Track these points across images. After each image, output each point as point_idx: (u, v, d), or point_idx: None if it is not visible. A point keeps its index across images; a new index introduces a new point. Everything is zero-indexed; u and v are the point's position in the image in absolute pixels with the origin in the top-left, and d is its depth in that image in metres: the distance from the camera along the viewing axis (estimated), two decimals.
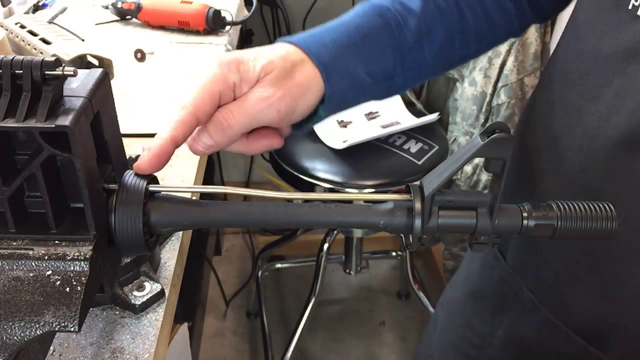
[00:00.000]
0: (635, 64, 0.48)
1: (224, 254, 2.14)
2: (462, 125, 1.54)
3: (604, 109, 0.50)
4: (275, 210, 0.42)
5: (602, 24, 0.51)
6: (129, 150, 0.51)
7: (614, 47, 0.49)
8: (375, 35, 0.54)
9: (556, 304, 0.60)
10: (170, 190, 0.43)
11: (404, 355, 1.84)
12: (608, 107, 0.50)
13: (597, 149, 0.51)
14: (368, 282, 2.07)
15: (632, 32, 0.48)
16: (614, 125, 0.49)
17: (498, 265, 0.68)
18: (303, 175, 1.32)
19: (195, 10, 1.10)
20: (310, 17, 1.82)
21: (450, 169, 0.40)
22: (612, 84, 0.50)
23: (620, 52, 0.49)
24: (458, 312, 0.78)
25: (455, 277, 0.83)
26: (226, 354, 1.83)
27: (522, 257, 0.64)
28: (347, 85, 0.52)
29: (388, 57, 0.54)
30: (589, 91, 0.52)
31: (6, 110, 0.37)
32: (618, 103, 0.49)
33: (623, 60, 0.49)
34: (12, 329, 0.36)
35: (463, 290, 0.77)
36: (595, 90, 0.51)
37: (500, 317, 0.68)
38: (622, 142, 0.48)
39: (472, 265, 0.76)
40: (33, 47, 0.89)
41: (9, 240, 0.39)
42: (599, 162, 0.51)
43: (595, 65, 0.52)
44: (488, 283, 0.71)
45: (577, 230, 0.41)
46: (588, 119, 0.52)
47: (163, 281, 0.58)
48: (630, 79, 0.48)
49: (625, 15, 0.49)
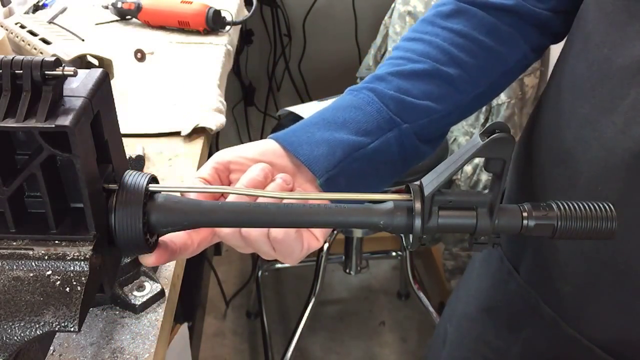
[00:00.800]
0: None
1: (224, 254, 2.14)
2: (462, 125, 1.54)
3: (621, 122, 0.49)
4: (275, 210, 0.41)
5: (614, 35, 0.50)
6: (129, 150, 0.51)
7: (628, 59, 0.49)
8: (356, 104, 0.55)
9: (578, 319, 0.58)
10: (170, 190, 0.43)
11: (404, 355, 1.84)
12: (625, 119, 0.49)
13: (615, 161, 0.50)
14: (368, 282, 2.07)
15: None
16: (632, 138, 0.48)
17: (512, 280, 0.66)
18: None
19: (195, 10, 1.10)
20: (310, 17, 1.82)
21: (450, 169, 0.40)
22: (628, 96, 0.49)
23: (634, 63, 0.48)
24: (471, 327, 0.76)
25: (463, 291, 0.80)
26: (226, 354, 1.83)
27: (537, 271, 0.63)
28: (325, 151, 0.52)
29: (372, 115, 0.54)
30: (603, 103, 0.51)
31: (6, 110, 0.37)
32: (636, 115, 0.48)
33: (638, 72, 0.48)
34: (12, 329, 0.36)
35: (475, 306, 0.75)
36: (610, 102, 0.50)
37: (516, 333, 0.66)
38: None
39: (484, 281, 0.74)
40: (33, 47, 0.89)
41: (9, 240, 0.39)
42: (617, 174, 0.50)
43: (608, 77, 0.51)
44: (502, 299, 0.69)
45: (577, 230, 0.41)
46: (604, 131, 0.50)
47: (163, 281, 0.58)
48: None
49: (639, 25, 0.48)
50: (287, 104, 1.52)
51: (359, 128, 0.53)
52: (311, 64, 1.91)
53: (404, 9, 1.53)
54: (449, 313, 0.84)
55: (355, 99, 0.55)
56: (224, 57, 1.06)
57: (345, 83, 0.67)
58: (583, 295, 0.57)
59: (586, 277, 0.56)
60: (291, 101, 1.84)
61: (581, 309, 0.57)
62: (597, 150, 0.51)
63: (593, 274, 0.55)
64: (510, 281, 0.66)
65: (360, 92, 0.55)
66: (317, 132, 0.52)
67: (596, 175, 0.52)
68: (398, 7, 1.55)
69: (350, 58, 1.84)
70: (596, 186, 0.52)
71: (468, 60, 0.57)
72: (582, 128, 0.53)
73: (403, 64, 0.57)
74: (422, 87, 0.56)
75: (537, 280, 0.63)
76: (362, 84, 0.57)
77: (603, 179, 0.51)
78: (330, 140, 0.51)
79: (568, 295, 0.58)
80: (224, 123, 0.87)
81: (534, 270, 0.63)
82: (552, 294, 0.60)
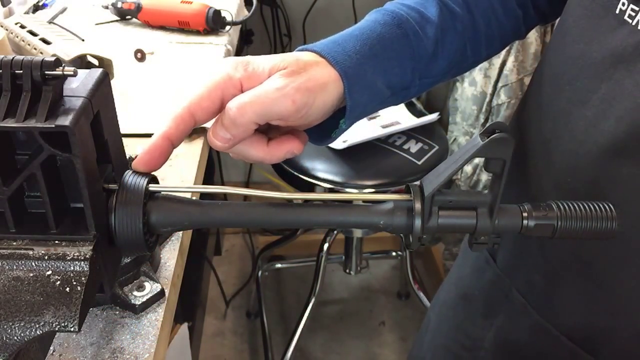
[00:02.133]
0: (622, 70, 0.47)
1: (224, 254, 2.14)
2: (462, 125, 1.54)
3: (591, 115, 0.50)
4: (275, 210, 0.42)
5: (590, 29, 0.51)
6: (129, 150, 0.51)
7: (602, 53, 0.49)
8: (395, 47, 0.52)
9: (546, 308, 0.60)
10: (170, 190, 0.43)
11: (404, 355, 1.84)
12: (595, 113, 0.49)
13: (585, 154, 0.50)
14: (368, 282, 2.07)
15: (619, 37, 0.47)
16: (601, 131, 0.49)
17: (489, 268, 0.68)
18: (303, 175, 1.32)
19: (195, 10, 1.10)
20: (310, 17, 1.82)
21: (450, 169, 0.40)
22: (599, 90, 0.49)
23: (607, 57, 0.49)
24: (449, 315, 0.78)
25: (446, 279, 0.83)
26: (226, 354, 1.83)
27: (512, 260, 0.65)
28: (368, 98, 0.50)
29: (407, 69, 0.53)
30: (577, 96, 0.52)
31: (6, 110, 0.37)
32: (605, 109, 0.49)
33: (610, 66, 0.48)
34: (12, 329, 0.36)
35: (455, 293, 0.77)
36: (584, 96, 0.51)
37: (491, 320, 0.68)
38: (610, 148, 0.48)
39: (463, 269, 0.76)
40: (33, 47, 0.89)
41: (9, 240, 0.39)
42: (586, 167, 0.51)
43: (583, 71, 0.51)
44: (479, 286, 0.71)
45: (577, 230, 0.41)
46: (576, 124, 0.51)
47: (163, 281, 0.58)
48: (617, 85, 0.48)
49: (613, 20, 0.48)
50: None
51: (391, 81, 0.52)
52: None
53: None
54: (434, 301, 0.86)
55: (395, 39, 0.53)
56: (224, 57, 1.06)
57: None
58: (551, 284, 0.58)
59: (554, 267, 0.57)
60: None
61: (550, 298, 0.59)
62: (569, 142, 0.52)
63: (560, 264, 0.57)
64: (487, 269, 0.68)
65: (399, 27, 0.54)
66: (369, 71, 0.50)
67: (567, 167, 0.53)
68: None
69: None
70: (566, 178, 0.53)
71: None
72: (557, 120, 0.54)
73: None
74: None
75: (512, 268, 0.64)
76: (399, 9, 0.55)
77: (572, 172, 0.52)
78: (374, 89, 0.51)
79: (538, 285, 0.60)
80: None
81: (509, 259, 0.65)
82: (524, 283, 0.62)
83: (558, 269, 0.57)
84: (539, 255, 0.59)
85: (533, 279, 0.61)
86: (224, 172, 2.05)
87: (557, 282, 0.58)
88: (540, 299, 0.61)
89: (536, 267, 0.60)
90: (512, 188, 0.62)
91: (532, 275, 0.61)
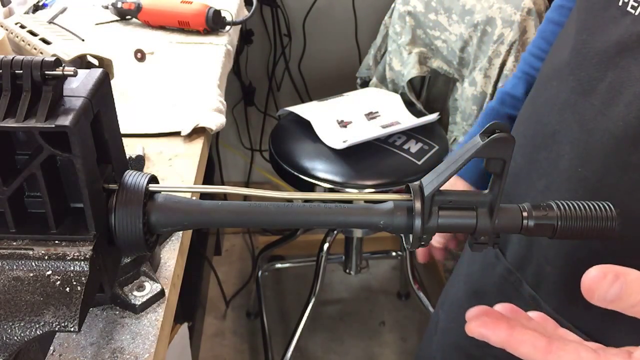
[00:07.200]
0: (628, 57, 0.49)
1: (224, 254, 2.14)
2: (462, 125, 1.54)
3: (599, 103, 0.51)
4: (275, 210, 0.41)
5: (593, 20, 0.52)
6: (129, 150, 0.51)
7: (606, 43, 0.51)
8: None
9: (557, 300, 0.60)
10: (170, 190, 0.43)
11: (404, 355, 1.84)
12: (603, 100, 0.51)
13: (594, 142, 0.51)
14: (368, 282, 2.07)
15: (623, 27, 0.49)
16: (611, 118, 0.50)
17: (499, 263, 0.68)
18: (303, 175, 1.32)
19: (196, 10, 1.10)
20: (310, 17, 1.82)
21: (450, 169, 0.40)
22: (605, 78, 0.50)
23: (611, 46, 0.50)
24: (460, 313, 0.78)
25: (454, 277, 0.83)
26: (226, 354, 1.83)
27: (522, 254, 0.65)
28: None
29: None
30: (582, 86, 0.53)
31: (6, 110, 0.37)
32: (614, 96, 0.50)
33: (615, 55, 0.50)
34: (12, 329, 0.36)
35: (464, 290, 0.77)
36: (588, 85, 0.52)
37: None
38: (619, 134, 0.49)
39: (472, 265, 0.76)
40: (33, 47, 0.89)
41: (9, 240, 0.39)
42: (596, 156, 0.51)
43: (587, 60, 0.53)
44: (489, 282, 0.71)
45: (577, 230, 0.41)
46: (584, 113, 0.52)
47: (163, 281, 0.58)
48: (624, 71, 0.49)
49: (616, 11, 0.50)
50: (287, 104, 1.52)
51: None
52: (311, 64, 1.91)
53: (404, 9, 1.53)
54: (442, 299, 0.87)
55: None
56: (224, 57, 1.06)
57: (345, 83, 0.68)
58: (563, 277, 0.59)
59: (565, 258, 0.58)
60: (291, 101, 1.84)
61: (562, 290, 0.60)
62: (578, 132, 0.53)
63: (571, 254, 0.57)
64: (497, 265, 0.69)
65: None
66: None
67: (577, 156, 0.54)
68: (398, 7, 1.55)
69: (350, 58, 1.84)
70: (576, 168, 0.54)
71: None
72: (564, 111, 0.55)
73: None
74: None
75: (522, 262, 0.65)
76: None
77: (583, 161, 0.53)
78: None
79: (550, 278, 0.61)
80: (224, 123, 0.87)
81: (519, 253, 0.65)
82: (534, 276, 0.63)
83: (569, 259, 0.58)
84: (549, 248, 0.60)
85: (544, 272, 0.61)
86: (224, 172, 2.05)
87: (568, 272, 0.58)
88: (551, 292, 0.61)
89: (547, 260, 0.60)
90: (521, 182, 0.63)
91: (542, 269, 0.61)
